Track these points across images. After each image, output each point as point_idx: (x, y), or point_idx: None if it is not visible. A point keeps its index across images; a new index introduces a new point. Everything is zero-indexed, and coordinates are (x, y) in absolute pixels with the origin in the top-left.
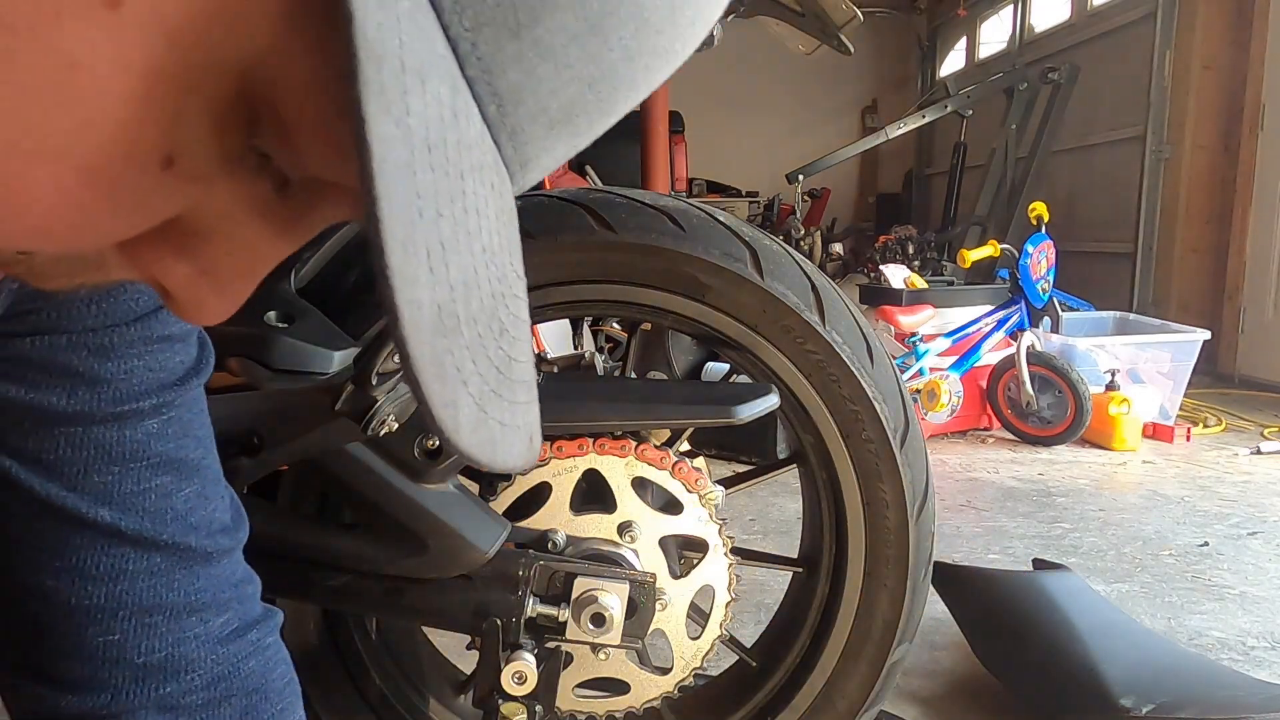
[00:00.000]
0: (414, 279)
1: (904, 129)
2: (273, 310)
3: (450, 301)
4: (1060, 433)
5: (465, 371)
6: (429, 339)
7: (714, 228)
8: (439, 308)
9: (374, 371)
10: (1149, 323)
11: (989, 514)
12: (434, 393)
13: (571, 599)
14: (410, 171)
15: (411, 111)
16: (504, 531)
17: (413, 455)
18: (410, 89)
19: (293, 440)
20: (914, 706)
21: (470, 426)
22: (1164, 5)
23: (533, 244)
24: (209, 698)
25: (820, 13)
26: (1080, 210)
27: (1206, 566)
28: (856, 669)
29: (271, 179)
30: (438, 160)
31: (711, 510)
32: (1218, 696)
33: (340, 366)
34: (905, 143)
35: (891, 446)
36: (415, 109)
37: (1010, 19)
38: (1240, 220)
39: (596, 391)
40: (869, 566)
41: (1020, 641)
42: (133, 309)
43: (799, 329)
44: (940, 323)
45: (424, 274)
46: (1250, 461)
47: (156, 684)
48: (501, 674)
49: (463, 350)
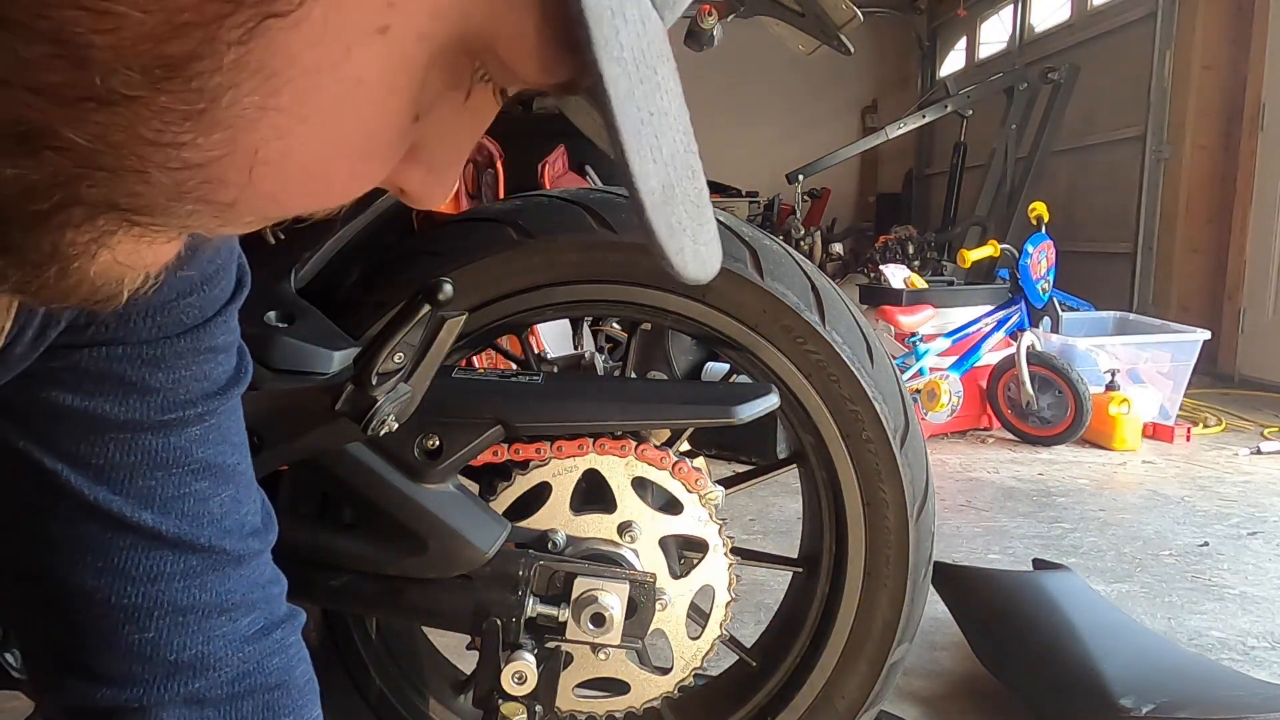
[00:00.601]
0: (646, 174)
1: (904, 129)
2: (273, 310)
3: (668, 177)
4: (1060, 433)
5: (683, 223)
6: (661, 211)
7: None
8: (662, 187)
9: (374, 371)
10: (1149, 323)
11: (989, 514)
12: (669, 247)
13: (571, 599)
14: (631, 96)
15: (624, 46)
16: (504, 531)
17: (413, 455)
18: (619, 27)
19: (293, 440)
20: (914, 706)
21: (692, 260)
22: (1164, 5)
23: (533, 244)
24: (233, 692)
25: (820, 13)
26: (1080, 210)
27: (1206, 566)
28: (856, 669)
29: (467, 92)
30: (645, 73)
31: (711, 510)
32: (1218, 696)
33: (340, 366)
34: (905, 143)
35: (891, 446)
36: (626, 42)
37: (1010, 19)
38: (1240, 220)
39: (596, 391)
40: (869, 566)
41: (1020, 641)
42: (183, 321)
43: (799, 329)
44: (940, 323)
45: (650, 166)
46: (1250, 461)
47: (186, 680)
48: (501, 674)
49: (679, 208)
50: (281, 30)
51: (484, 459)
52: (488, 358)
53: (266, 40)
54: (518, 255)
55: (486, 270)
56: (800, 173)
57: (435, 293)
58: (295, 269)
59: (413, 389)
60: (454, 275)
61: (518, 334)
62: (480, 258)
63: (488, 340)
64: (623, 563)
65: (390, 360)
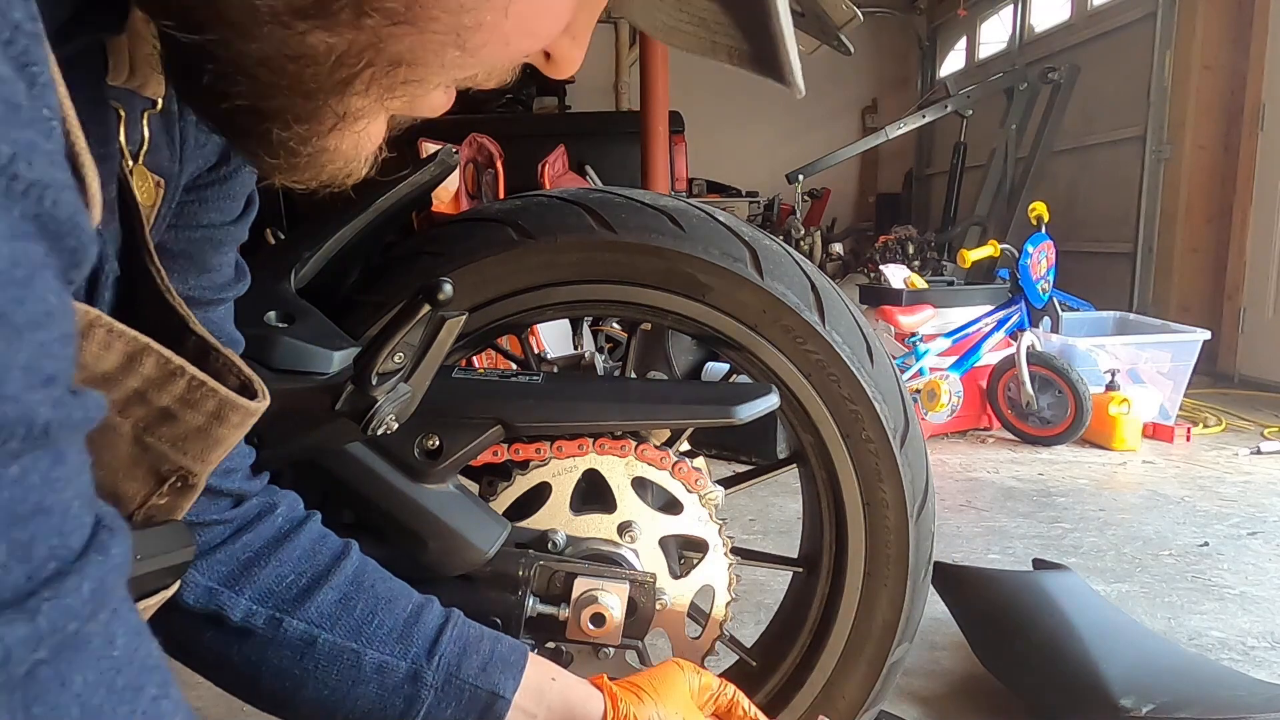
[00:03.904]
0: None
1: (904, 129)
2: (273, 310)
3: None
4: (1060, 433)
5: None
6: (794, 56)
7: (714, 228)
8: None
9: (374, 371)
10: (1149, 323)
11: (989, 514)
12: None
13: (571, 599)
14: None
15: None
16: (504, 531)
17: (413, 455)
18: None
19: (293, 440)
20: (914, 706)
21: (798, 75)
22: (1164, 5)
23: (533, 244)
24: None
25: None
26: (1080, 210)
27: (1206, 566)
28: (856, 669)
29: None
30: None
31: (711, 510)
32: (1218, 696)
33: (340, 366)
34: (905, 143)
35: (891, 446)
36: None
37: (1010, 19)
38: (1240, 220)
39: (596, 391)
40: (869, 566)
41: (1020, 641)
42: (233, 210)
43: (799, 329)
44: (940, 323)
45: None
46: (1250, 461)
47: None
48: None
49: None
50: None
51: (484, 459)
52: (488, 358)
53: None
54: (518, 255)
55: (486, 270)
56: (800, 173)
57: (435, 293)
58: (295, 269)
59: (413, 389)
60: (454, 275)
61: (518, 334)
62: (480, 258)
63: (488, 340)
64: (623, 563)
65: (390, 360)
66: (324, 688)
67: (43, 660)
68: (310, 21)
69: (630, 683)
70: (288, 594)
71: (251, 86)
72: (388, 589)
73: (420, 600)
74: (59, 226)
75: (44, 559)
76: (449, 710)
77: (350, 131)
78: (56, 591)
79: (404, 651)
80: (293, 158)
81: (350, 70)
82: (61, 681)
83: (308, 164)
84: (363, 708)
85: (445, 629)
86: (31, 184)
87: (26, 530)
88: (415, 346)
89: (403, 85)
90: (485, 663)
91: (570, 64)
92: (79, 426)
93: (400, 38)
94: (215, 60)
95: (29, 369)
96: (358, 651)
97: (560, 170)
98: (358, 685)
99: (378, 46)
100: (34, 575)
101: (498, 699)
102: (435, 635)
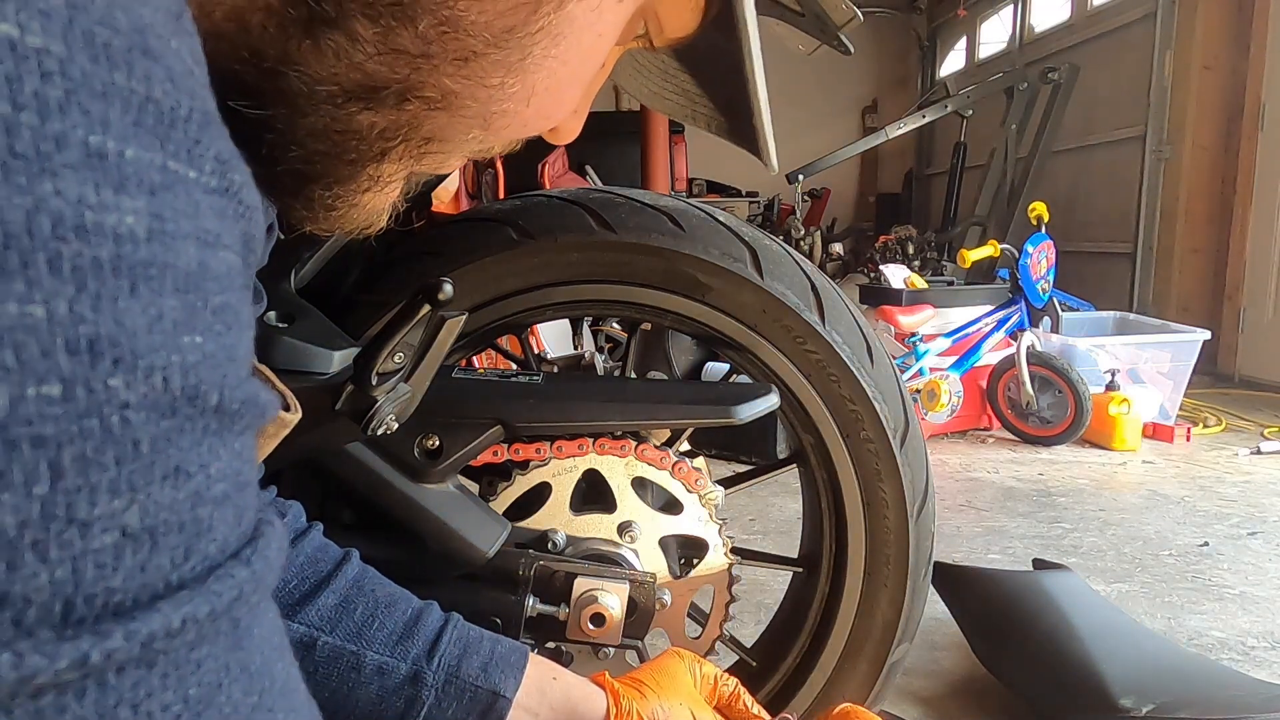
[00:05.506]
0: (761, 88)
1: (904, 129)
2: (273, 310)
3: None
4: (1060, 433)
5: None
6: (769, 133)
7: (714, 228)
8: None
9: (374, 371)
10: (1149, 323)
11: (989, 514)
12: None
13: (571, 599)
14: (754, 22)
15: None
16: (504, 531)
17: (413, 455)
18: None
19: (292, 440)
20: (914, 706)
21: (773, 154)
22: (1164, 5)
23: (533, 244)
24: None
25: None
26: (1080, 210)
27: (1206, 566)
28: (856, 669)
29: (624, 46)
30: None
31: (711, 510)
32: (1218, 696)
33: (340, 366)
34: (905, 143)
35: (891, 446)
36: None
37: (1010, 19)
38: (1240, 220)
39: (596, 391)
40: (869, 566)
41: (1020, 641)
42: None
43: (799, 329)
44: (940, 323)
45: (762, 82)
46: (1250, 461)
47: None
48: None
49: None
50: (575, 2)
51: (484, 459)
52: (488, 358)
53: (566, 11)
54: (518, 255)
55: (486, 270)
56: (800, 173)
57: (435, 293)
58: (295, 269)
59: (413, 389)
60: (454, 275)
61: (518, 334)
62: (480, 258)
63: (488, 340)
64: (623, 563)
65: (390, 360)
66: (324, 690)
67: (252, 605)
68: (359, 104)
69: (632, 678)
70: (289, 599)
71: (302, 154)
72: (387, 594)
73: (420, 604)
74: (255, 245)
75: (250, 525)
76: (450, 710)
77: (378, 191)
78: (255, 549)
79: (404, 653)
80: (328, 212)
81: (388, 144)
82: (252, 627)
83: (339, 217)
84: (363, 709)
85: (445, 631)
86: (249, 208)
87: (243, 498)
88: (415, 346)
89: (429, 155)
90: (486, 663)
91: (571, 134)
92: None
93: (434, 119)
94: (274, 131)
95: (245, 362)
96: (358, 653)
97: (560, 170)
98: (358, 687)
99: (414, 125)
100: (245, 536)
101: (499, 698)
102: (435, 637)
